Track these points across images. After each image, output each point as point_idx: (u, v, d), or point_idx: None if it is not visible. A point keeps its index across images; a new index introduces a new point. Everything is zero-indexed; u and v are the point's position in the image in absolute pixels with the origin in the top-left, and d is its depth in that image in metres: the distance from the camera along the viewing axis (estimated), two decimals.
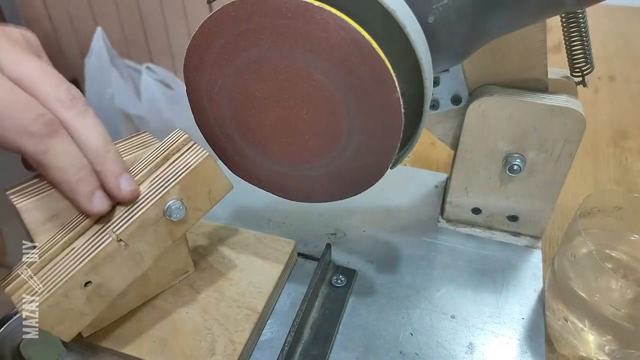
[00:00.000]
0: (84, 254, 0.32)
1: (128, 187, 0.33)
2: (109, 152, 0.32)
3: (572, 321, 0.38)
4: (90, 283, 0.32)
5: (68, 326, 0.32)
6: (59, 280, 0.31)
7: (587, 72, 0.41)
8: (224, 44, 0.31)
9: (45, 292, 0.30)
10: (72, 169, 0.30)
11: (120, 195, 0.32)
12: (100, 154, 0.31)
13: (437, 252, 0.47)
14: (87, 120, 0.31)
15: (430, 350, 0.39)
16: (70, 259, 0.32)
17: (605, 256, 0.42)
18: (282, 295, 0.43)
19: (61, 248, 0.32)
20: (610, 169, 0.63)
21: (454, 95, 0.44)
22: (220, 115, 0.35)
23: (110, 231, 0.32)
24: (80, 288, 0.32)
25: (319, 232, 0.50)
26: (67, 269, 0.31)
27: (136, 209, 0.33)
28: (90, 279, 0.32)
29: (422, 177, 0.57)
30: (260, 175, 0.38)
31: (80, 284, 0.32)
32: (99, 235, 0.32)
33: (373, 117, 0.31)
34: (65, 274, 0.31)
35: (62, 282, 0.31)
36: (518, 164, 0.42)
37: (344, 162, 0.34)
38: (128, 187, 0.33)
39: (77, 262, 0.31)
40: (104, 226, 0.33)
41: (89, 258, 0.31)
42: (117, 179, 0.32)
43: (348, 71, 0.30)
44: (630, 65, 0.88)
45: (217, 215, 0.50)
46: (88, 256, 0.31)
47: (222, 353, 0.36)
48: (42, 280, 0.31)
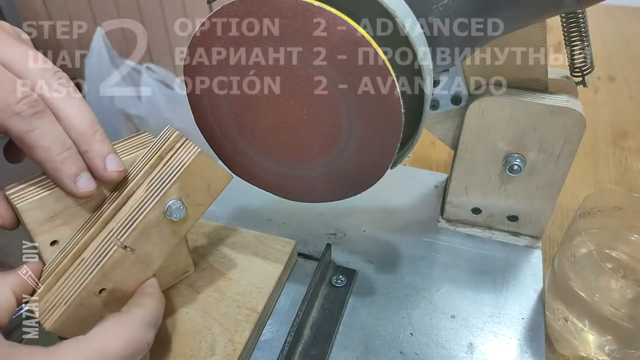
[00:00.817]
0: (93, 264, 0.32)
1: (115, 167, 0.32)
2: (96, 133, 0.32)
3: (572, 321, 0.38)
4: (105, 290, 0.33)
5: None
6: (74, 291, 0.31)
7: (587, 72, 0.41)
8: (224, 44, 0.31)
9: (63, 305, 0.31)
10: (57, 149, 0.30)
11: (106, 175, 0.32)
12: (86, 135, 0.31)
13: (437, 252, 0.47)
14: (73, 102, 0.31)
15: (430, 350, 0.39)
16: (81, 270, 0.32)
17: (605, 256, 0.42)
18: (282, 295, 0.43)
19: (71, 260, 0.33)
20: (610, 169, 0.63)
21: (454, 95, 0.44)
22: (220, 115, 0.35)
23: (114, 239, 0.32)
24: (95, 295, 0.32)
25: (319, 232, 0.50)
26: (79, 280, 0.32)
27: (137, 214, 0.33)
28: (103, 287, 0.32)
29: (422, 177, 0.57)
30: (260, 175, 0.38)
31: (94, 292, 0.32)
32: (105, 244, 0.33)
33: (373, 117, 0.31)
34: (79, 285, 0.32)
35: (76, 293, 0.31)
36: (518, 164, 0.42)
37: (344, 162, 0.34)
38: (115, 168, 0.32)
39: (87, 273, 0.32)
40: (108, 234, 0.33)
41: (98, 268, 0.32)
42: (104, 159, 0.32)
43: (348, 71, 0.30)
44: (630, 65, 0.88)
45: (217, 215, 0.50)
46: (97, 266, 0.32)
47: (222, 353, 0.36)
48: (58, 293, 0.32)
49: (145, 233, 0.33)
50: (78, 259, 0.33)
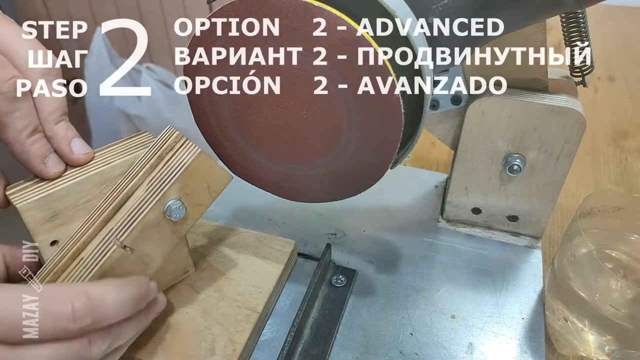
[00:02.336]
0: (92, 263, 0.32)
1: (80, 150, 0.34)
2: (61, 121, 0.33)
3: (572, 321, 0.38)
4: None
5: None
6: None
7: (587, 72, 0.41)
8: (224, 43, 0.31)
9: None
10: (28, 131, 0.32)
11: (73, 158, 0.34)
12: (50, 120, 0.33)
13: (437, 252, 0.47)
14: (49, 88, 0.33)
15: (430, 350, 0.39)
16: (80, 269, 0.32)
17: (605, 256, 0.42)
18: (282, 295, 0.43)
19: (70, 259, 0.33)
20: (610, 169, 0.63)
21: (454, 95, 0.44)
22: (220, 115, 0.35)
23: (114, 239, 0.32)
24: None
25: (319, 232, 0.49)
26: (78, 280, 0.32)
27: (137, 214, 0.33)
28: None
29: (422, 177, 0.57)
30: (260, 175, 0.38)
31: None
32: (104, 244, 0.33)
33: (373, 117, 0.31)
34: None
35: None
36: (518, 164, 0.42)
37: (344, 162, 0.34)
38: (80, 150, 0.34)
39: (86, 272, 0.32)
40: (108, 233, 0.33)
41: (97, 267, 0.32)
42: (69, 143, 0.34)
43: (348, 71, 0.30)
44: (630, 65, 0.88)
45: (217, 215, 0.50)
46: (96, 266, 0.32)
47: (222, 353, 0.36)
48: None
49: (144, 233, 0.33)
50: (77, 258, 0.33)
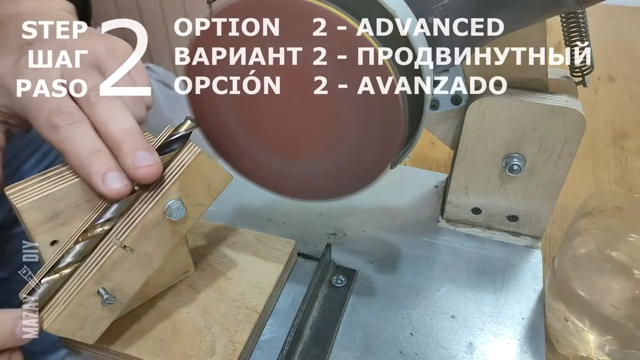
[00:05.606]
0: (93, 264, 0.32)
1: (141, 162, 0.31)
2: (127, 135, 0.32)
3: (572, 321, 0.38)
4: (104, 289, 0.33)
5: (90, 330, 0.33)
6: (73, 291, 0.31)
7: (587, 72, 0.41)
8: (224, 43, 0.31)
9: (61, 304, 0.31)
10: (85, 152, 0.31)
11: (138, 173, 0.31)
12: (116, 138, 0.32)
13: (437, 252, 0.47)
14: (108, 111, 0.32)
15: (430, 350, 0.39)
16: (80, 269, 0.32)
17: (605, 256, 0.42)
18: (282, 295, 0.43)
19: None
20: (610, 169, 0.63)
21: (454, 95, 0.44)
22: (220, 115, 0.35)
23: (114, 239, 0.32)
24: (94, 295, 0.32)
25: (319, 232, 0.49)
26: (79, 280, 0.32)
27: (136, 214, 0.33)
28: (102, 286, 0.32)
29: (422, 177, 0.57)
30: (260, 174, 0.38)
31: (93, 292, 0.32)
32: (105, 244, 0.33)
33: (373, 117, 0.31)
34: (78, 285, 0.32)
35: (75, 293, 0.31)
36: (518, 164, 0.42)
37: (344, 162, 0.34)
38: (141, 163, 0.31)
39: (87, 273, 0.32)
40: (109, 234, 0.33)
41: (97, 267, 0.32)
42: (132, 157, 0.31)
43: (348, 71, 0.30)
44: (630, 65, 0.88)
45: (217, 215, 0.50)
46: (96, 266, 0.32)
47: (222, 353, 0.36)
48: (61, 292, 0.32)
49: (144, 233, 0.33)
50: None
